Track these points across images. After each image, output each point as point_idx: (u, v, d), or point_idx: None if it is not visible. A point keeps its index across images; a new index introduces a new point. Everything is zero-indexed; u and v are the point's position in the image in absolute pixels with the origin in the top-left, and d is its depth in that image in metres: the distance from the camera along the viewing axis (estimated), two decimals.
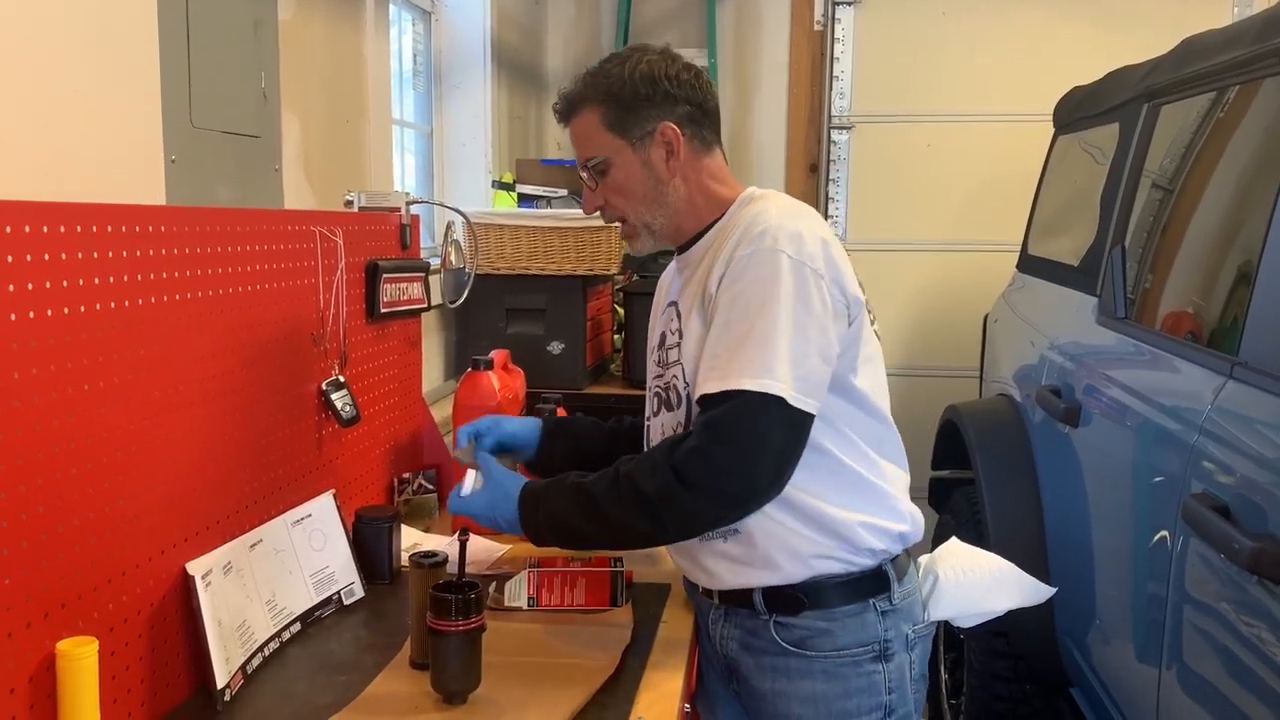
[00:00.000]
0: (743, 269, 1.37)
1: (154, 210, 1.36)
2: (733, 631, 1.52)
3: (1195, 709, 1.63)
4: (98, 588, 1.20)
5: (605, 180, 1.52)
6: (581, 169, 1.54)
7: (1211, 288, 1.93)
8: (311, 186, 2.26)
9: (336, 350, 1.80)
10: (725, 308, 1.37)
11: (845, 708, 1.46)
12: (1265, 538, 1.39)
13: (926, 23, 4.20)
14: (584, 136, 1.53)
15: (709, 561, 1.48)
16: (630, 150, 1.50)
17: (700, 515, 1.38)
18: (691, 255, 1.54)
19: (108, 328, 1.21)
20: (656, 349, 1.55)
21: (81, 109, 1.49)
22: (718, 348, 1.37)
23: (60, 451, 1.13)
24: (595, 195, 1.54)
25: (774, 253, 1.35)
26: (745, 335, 1.34)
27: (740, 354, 1.33)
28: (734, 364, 1.34)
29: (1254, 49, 1.83)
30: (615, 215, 1.55)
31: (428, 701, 1.32)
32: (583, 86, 1.52)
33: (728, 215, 1.52)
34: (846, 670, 1.46)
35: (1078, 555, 2.23)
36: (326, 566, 1.64)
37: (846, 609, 1.45)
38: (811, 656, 1.46)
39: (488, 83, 3.58)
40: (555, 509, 1.42)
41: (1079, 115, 3.00)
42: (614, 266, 3.01)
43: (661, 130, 1.49)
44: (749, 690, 1.52)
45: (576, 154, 1.55)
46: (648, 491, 1.34)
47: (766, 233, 1.37)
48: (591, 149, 1.52)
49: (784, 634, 1.46)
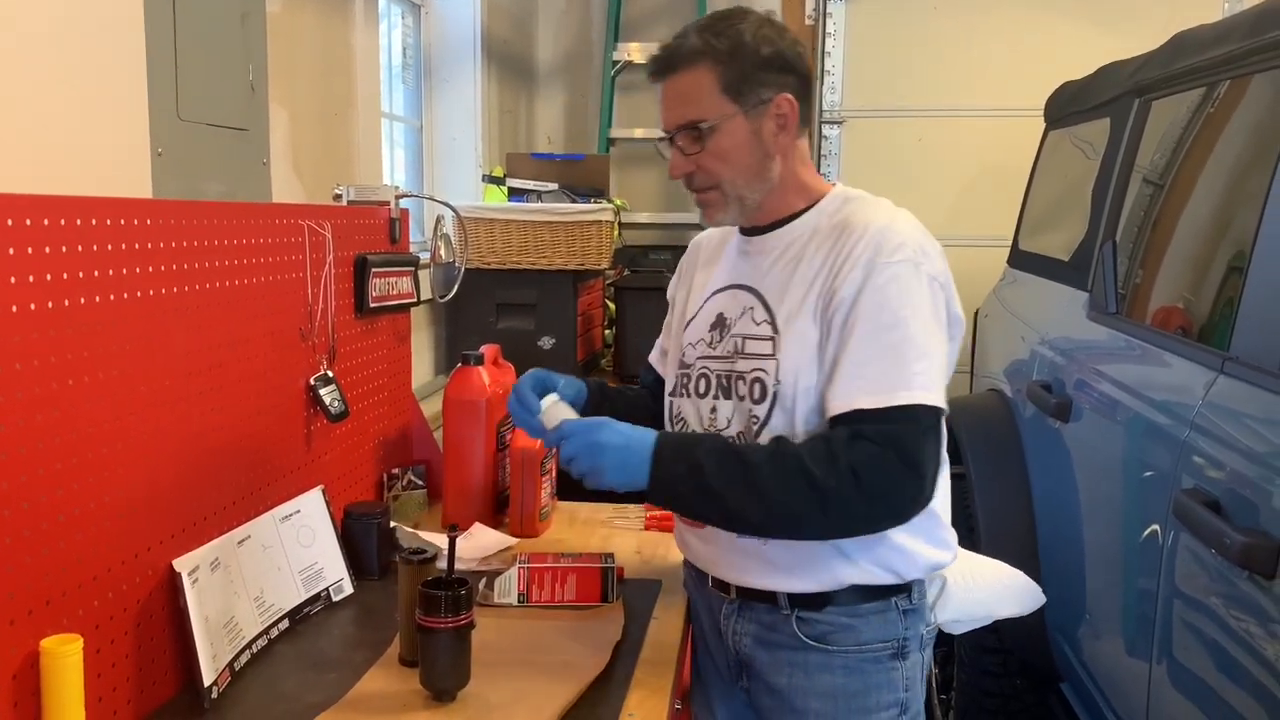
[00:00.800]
0: (887, 279, 1.33)
1: (140, 203, 1.35)
2: (747, 627, 1.50)
3: (1185, 704, 1.63)
4: (83, 585, 1.19)
5: (706, 145, 1.41)
6: (675, 129, 1.42)
7: (1202, 283, 1.93)
8: (300, 180, 2.25)
9: (325, 345, 1.79)
10: (869, 316, 1.32)
11: (864, 704, 1.45)
12: (1255, 533, 1.39)
13: (918, 17, 4.20)
14: (688, 95, 1.41)
15: (740, 559, 1.45)
16: (742, 117, 1.40)
17: (865, 520, 1.33)
18: (773, 241, 1.47)
19: (93, 322, 1.20)
20: (711, 328, 1.49)
21: (67, 101, 1.47)
22: (866, 355, 1.32)
23: (44, 447, 1.12)
24: (686, 160, 1.43)
25: (915, 266, 1.34)
26: (900, 346, 1.31)
27: (901, 366, 1.30)
28: (898, 376, 1.30)
29: (1244, 44, 1.83)
30: (706, 183, 1.44)
31: (417, 699, 1.32)
32: (699, 41, 1.40)
33: (825, 208, 1.45)
34: (867, 666, 1.45)
35: (1068, 550, 2.23)
36: (315, 563, 1.63)
37: (870, 605, 1.45)
38: (833, 651, 1.44)
39: (478, 76, 3.57)
40: (701, 462, 1.31)
41: (1070, 110, 3.00)
42: (605, 261, 3.01)
43: (778, 101, 1.41)
44: (764, 687, 1.50)
45: (669, 112, 1.43)
46: (819, 478, 1.27)
47: (905, 245, 1.35)
48: (697, 110, 1.40)
49: (806, 629, 1.45)
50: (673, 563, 1.82)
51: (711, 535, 1.48)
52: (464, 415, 1.97)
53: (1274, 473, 1.43)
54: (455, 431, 1.97)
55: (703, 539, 1.52)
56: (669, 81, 1.43)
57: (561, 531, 2.01)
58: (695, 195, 1.48)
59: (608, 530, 2.01)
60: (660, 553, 1.87)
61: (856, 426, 1.30)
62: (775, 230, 1.48)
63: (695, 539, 1.54)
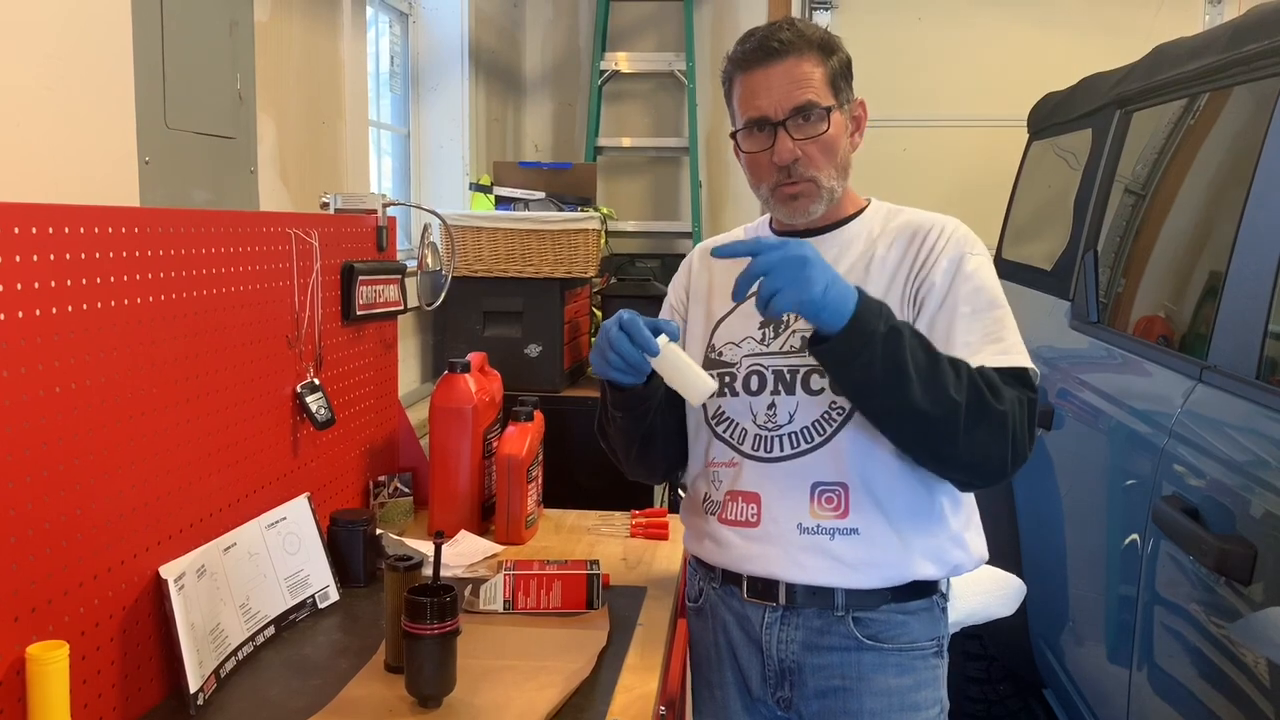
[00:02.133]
0: (976, 267, 1.43)
1: (127, 212, 1.35)
2: (794, 634, 1.48)
3: (1165, 709, 1.65)
4: (69, 591, 1.19)
5: (821, 132, 1.43)
6: (791, 111, 1.42)
7: (1182, 292, 1.95)
8: (287, 188, 2.25)
9: (311, 353, 1.79)
10: (968, 299, 1.41)
11: (915, 700, 1.47)
12: (1233, 539, 1.41)
13: (902, 28, 4.24)
14: (805, 81, 1.42)
15: (802, 555, 1.44)
16: (840, 112, 1.45)
17: (999, 446, 1.34)
18: (831, 240, 1.49)
19: (80, 330, 1.20)
20: (760, 326, 1.49)
21: (54, 109, 1.48)
22: (977, 333, 1.40)
23: (30, 455, 1.12)
24: (794, 146, 1.42)
25: (988, 258, 1.46)
26: (1004, 320, 1.41)
27: (1011, 336, 1.41)
28: (1011, 344, 1.40)
29: (1224, 57, 1.86)
30: (807, 172, 1.44)
31: (402, 705, 1.32)
32: (810, 33, 1.44)
33: (877, 213, 1.53)
34: (917, 664, 1.47)
35: (1050, 557, 2.25)
36: (301, 570, 1.63)
37: (918, 603, 1.47)
38: (887, 650, 1.46)
39: (465, 85, 3.57)
40: (900, 329, 1.30)
41: (1053, 121, 3.03)
42: (592, 269, 3.01)
43: (859, 104, 1.50)
44: (811, 693, 1.48)
45: (780, 95, 1.42)
46: (986, 392, 1.32)
47: (977, 241, 1.47)
48: (815, 95, 1.42)
49: (861, 628, 1.46)
50: (659, 570, 1.83)
51: (768, 533, 1.46)
52: (450, 422, 1.97)
53: (1251, 480, 1.45)
54: (441, 439, 1.98)
55: (753, 539, 1.47)
56: (783, 65, 1.43)
57: (547, 538, 2.02)
58: (782, 187, 1.46)
59: (594, 537, 2.02)
60: (646, 559, 1.88)
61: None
62: (830, 232, 1.51)
63: (740, 539, 1.48)
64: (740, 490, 1.48)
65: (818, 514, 1.43)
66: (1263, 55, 1.71)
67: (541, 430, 2.07)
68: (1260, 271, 1.56)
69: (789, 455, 1.45)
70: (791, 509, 1.44)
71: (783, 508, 1.45)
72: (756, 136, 1.45)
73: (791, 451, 1.45)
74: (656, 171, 4.57)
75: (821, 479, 1.43)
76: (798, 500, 1.44)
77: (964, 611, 1.61)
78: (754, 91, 1.44)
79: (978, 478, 1.41)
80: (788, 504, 1.44)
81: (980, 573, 1.69)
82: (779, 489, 1.45)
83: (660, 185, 4.56)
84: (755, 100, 1.44)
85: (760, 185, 1.49)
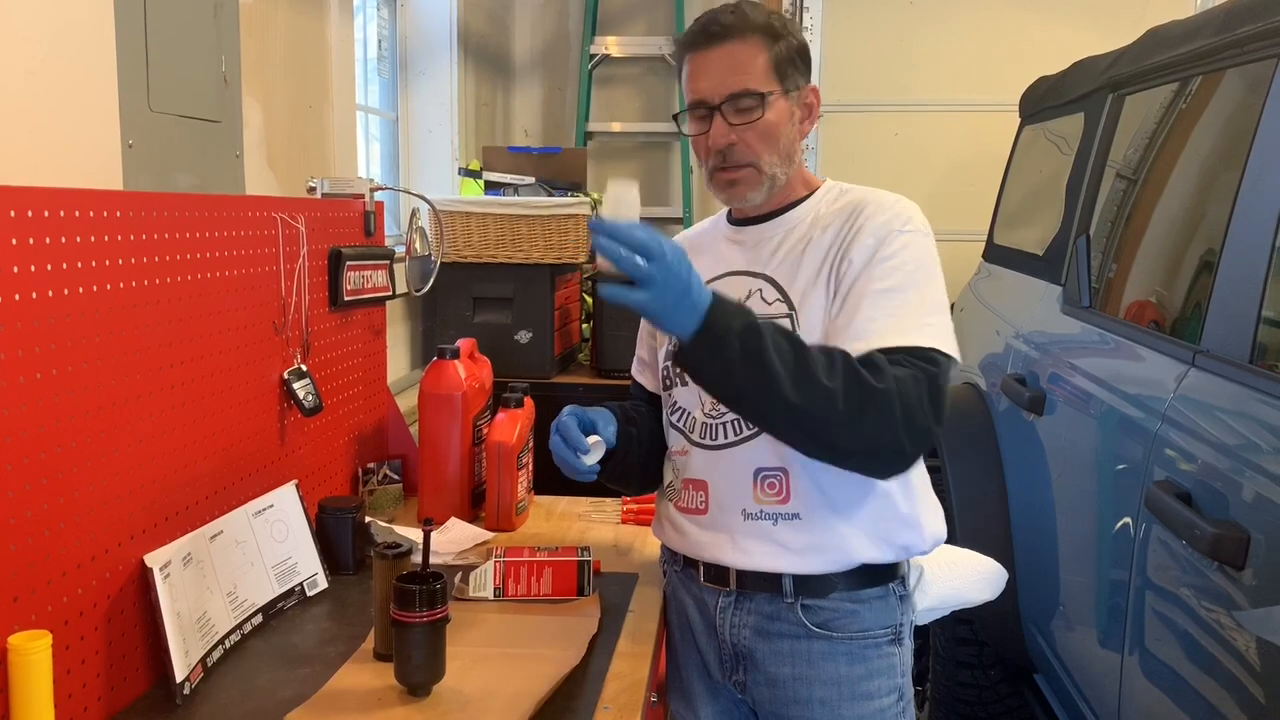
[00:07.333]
0: (899, 246, 1.38)
1: (110, 195, 1.33)
2: (746, 619, 1.49)
3: (1157, 694, 1.64)
4: (52, 581, 1.17)
5: (757, 118, 1.42)
6: (726, 97, 1.42)
7: (1174, 277, 1.95)
8: (274, 173, 2.23)
9: (299, 339, 1.78)
10: (884, 276, 1.37)
11: (867, 689, 1.46)
12: (1225, 524, 1.41)
13: (894, 12, 4.22)
14: (743, 66, 1.42)
15: (747, 541, 1.44)
16: (784, 98, 1.44)
17: (890, 430, 1.28)
18: (772, 228, 1.49)
19: (61, 315, 1.18)
20: None
21: (35, 92, 1.45)
22: (879, 313, 1.35)
23: (12, 443, 1.11)
24: (729, 131, 1.42)
25: (923, 235, 1.41)
26: (913, 304, 1.36)
27: (915, 318, 1.35)
28: (912, 325, 1.34)
29: (1216, 39, 1.85)
30: (745, 158, 1.44)
31: (391, 694, 1.31)
32: (753, 16, 1.43)
33: (825, 197, 1.50)
34: (869, 652, 1.46)
35: (1042, 543, 2.25)
36: (289, 558, 1.62)
37: (871, 591, 1.46)
38: (836, 638, 1.45)
39: (454, 69, 3.55)
40: (757, 326, 1.26)
41: (1045, 105, 3.02)
42: (582, 255, 3.00)
43: (810, 90, 1.48)
44: (764, 678, 1.49)
45: (717, 80, 1.42)
46: (865, 377, 1.27)
47: (914, 219, 1.42)
48: (752, 80, 1.42)
49: (810, 616, 1.45)
50: (649, 556, 1.82)
51: (715, 519, 1.47)
52: (440, 409, 1.96)
53: (1243, 465, 1.45)
54: (431, 426, 1.97)
55: (702, 525, 1.49)
56: (721, 49, 1.42)
57: (538, 525, 2.01)
58: (721, 174, 1.46)
59: (584, 524, 2.01)
60: (637, 546, 1.88)
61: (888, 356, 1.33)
62: (776, 218, 1.50)
63: (693, 525, 1.51)
64: (691, 478, 1.51)
65: (760, 499, 1.44)
66: (1256, 38, 1.70)
67: (532, 416, 2.06)
68: (1253, 255, 1.56)
69: (732, 442, 1.46)
70: (735, 495, 1.45)
71: (727, 494, 1.46)
72: (696, 120, 1.46)
73: (735, 439, 1.46)
74: (647, 156, 4.55)
75: (763, 465, 1.44)
76: (741, 486, 1.45)
77: (937, 597, 1.60)
78: (695, 74, 1.45)
79: (878, 464, 1.35)
80: (732, 490, 1.46)
81: (960, 556, 1.68)
82: (723, 476, 1.47)
83: (650, 170, 4.54)
84: (696, 83, 1.45)
85: (702, 169, 1.50)
